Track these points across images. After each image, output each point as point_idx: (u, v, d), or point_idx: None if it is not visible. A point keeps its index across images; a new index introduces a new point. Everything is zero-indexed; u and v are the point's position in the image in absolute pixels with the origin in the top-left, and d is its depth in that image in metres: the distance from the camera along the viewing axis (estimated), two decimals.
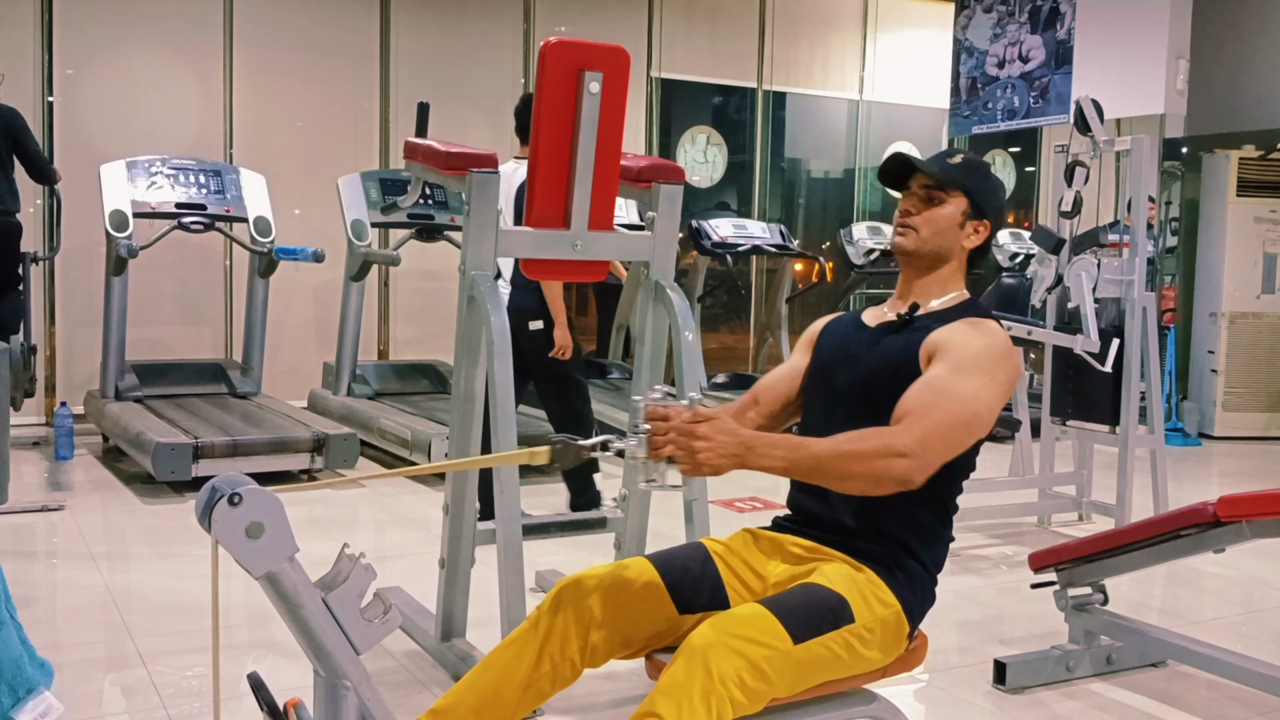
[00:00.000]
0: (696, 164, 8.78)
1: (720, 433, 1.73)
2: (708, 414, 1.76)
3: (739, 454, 1.74)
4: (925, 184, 2.06)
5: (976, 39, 8.33)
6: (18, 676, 1.99)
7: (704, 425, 1.73)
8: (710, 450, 1.72)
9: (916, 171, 2.07)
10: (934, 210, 2.04)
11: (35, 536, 4.28)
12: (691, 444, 1.72)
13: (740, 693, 1.68)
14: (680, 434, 1.73)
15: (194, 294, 7.06)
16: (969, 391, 1.86)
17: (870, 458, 1.78)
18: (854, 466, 1.78)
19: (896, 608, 1.91)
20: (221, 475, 1.52)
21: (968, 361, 1.90)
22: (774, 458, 1.77)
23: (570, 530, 3.42)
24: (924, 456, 1.79)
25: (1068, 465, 5.09)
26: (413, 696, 2.78)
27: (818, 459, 1.78)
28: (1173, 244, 7.89)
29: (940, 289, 2.08)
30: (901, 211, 2.07)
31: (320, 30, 7.30)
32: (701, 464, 1.72)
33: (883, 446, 1.78)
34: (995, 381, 1.90)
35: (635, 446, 1.76)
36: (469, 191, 2.85)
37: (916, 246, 2.05)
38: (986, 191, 2.07)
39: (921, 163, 2.06)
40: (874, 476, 1.78)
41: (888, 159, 2.10)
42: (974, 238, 2.07)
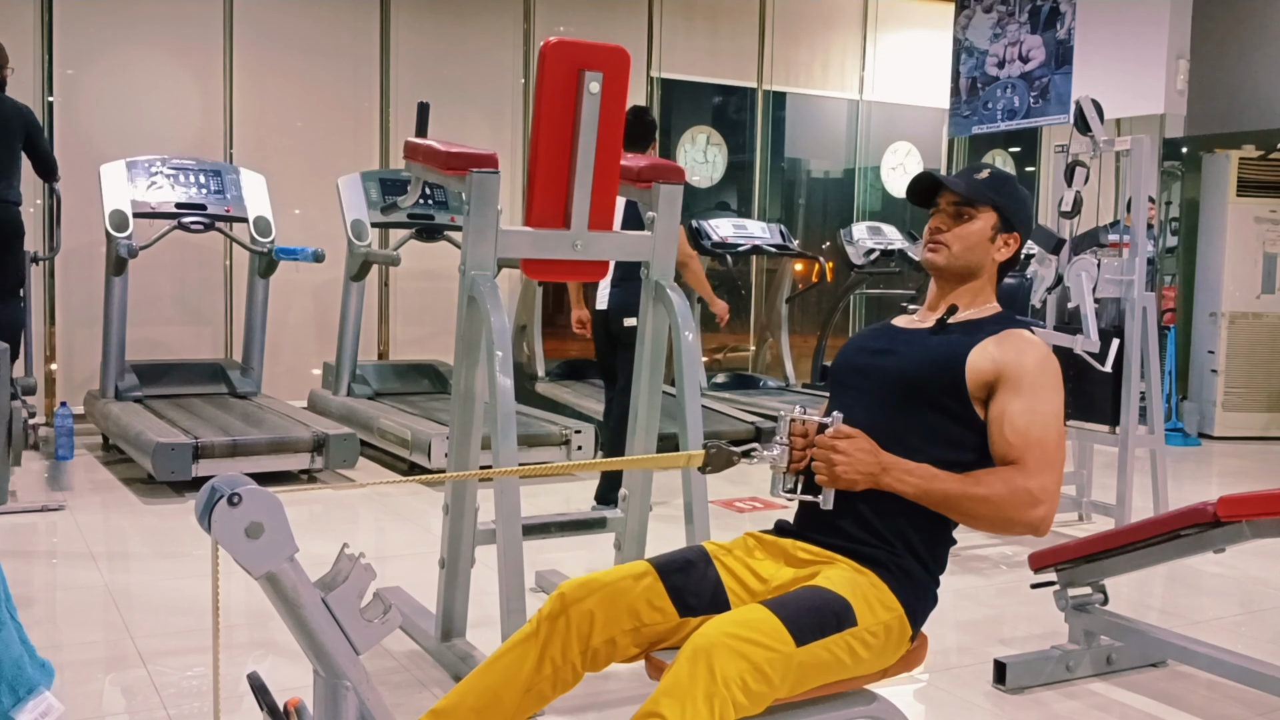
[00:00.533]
0: (696, 164, 8.77)
1: (859, 450, 1.88)
2: (849, 432, 1.89)
3: (874, 473, 1.88)
4: (954, 201, 2.09)
5: (976, 39, 8.33)
6: (18, 676, 1.99)
7: (845, 442, 1.88)
8: (848, 465, 1.87)
9: (944, 188, 2.10)
10: (964, 226, 2.09)
11: (35, 536, 4.28)
12: (832, 457, 1.88)
13: (743, 694, 1.68)
14: (822, 447, 1.89)
15: (194, 294, 7.06)
16: (1054, 416, 1.96)
17: (1001, 504, 1.88)
18: (984, 510, 1.89)
19: (899, 611, 1.91)
20: (221, 475, 1.52)
21: (1038, 385, 1.97)
22: (906, 484, 1.89)
23: (570, 530, 3.41)
24: (1051, 502, 1.90)
25: (1068, 465, 5.08)
26: (413, 696, 2.78)
27: (948, 495, 1.89)
28: (1173, 244, 7.89)
29: (972, 300, 2.12)
30: (932, 229, 2.11)
31: (320, 30, 7.30)
32: (839, 476, 1.88)
33: (1012, 492, 1.88)
34: (1060, 393, 2.01)
35: (778, 456, 1.94)
36: (469, 191, 2.85)
37: (948, 262, 2.09)
38: (1015, 204, 2.11)
39: (950, 180, 2.10)
40: (1004, 521, 1.90)
41: (916, 177, 2.15)
42: (1004, 250, 2.11)
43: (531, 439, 5.48)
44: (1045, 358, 2.01)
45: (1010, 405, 1.96)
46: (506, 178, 4.80)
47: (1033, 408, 1.95)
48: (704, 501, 2.98)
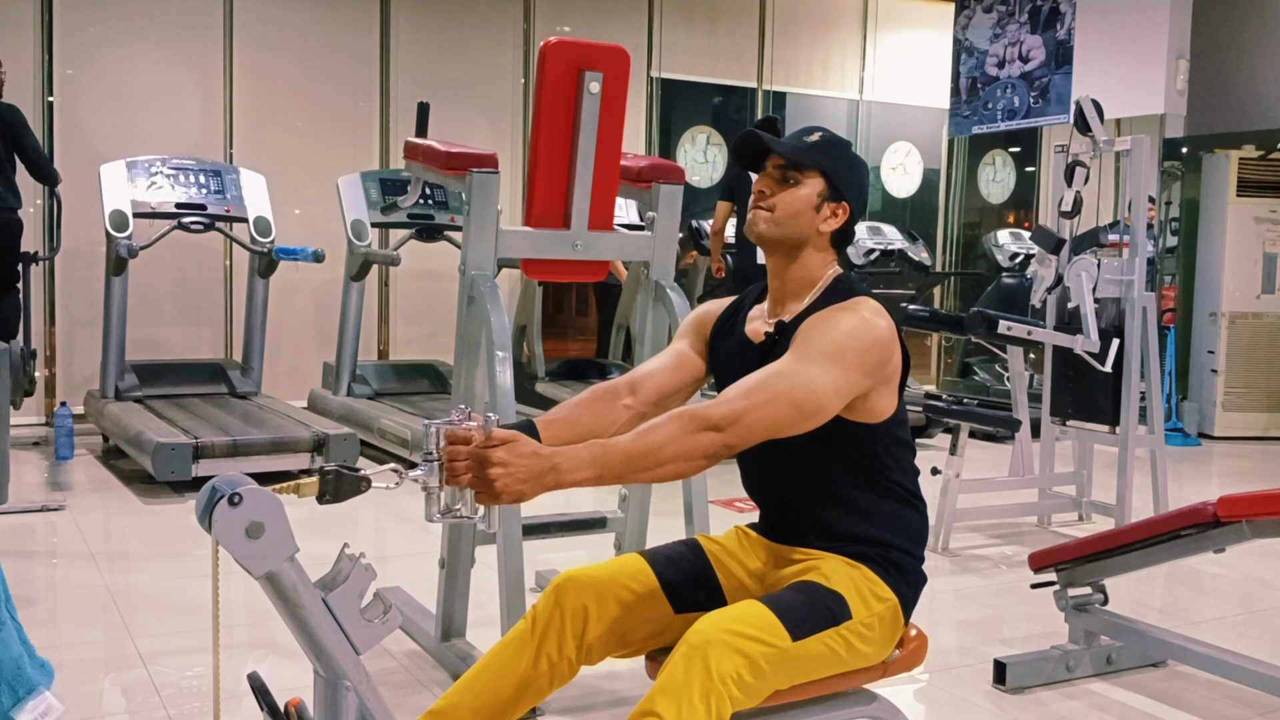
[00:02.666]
0: (696, 164, 8.77)
1: (519, 456, 1.59)
2: (504, 436, 1.60)
3: (542, 475, 1.61)
4: (780, 164, 1.95)
5: (976, 39, 8.33)
6: (18, 676, 1.99)
7: (500, 450, 1.59)
8: (509, 476, 1.58)
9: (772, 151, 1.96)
10: (789, 191, 1.92)
11: (35, 536, 4.28)
12: (486, 471, 1.58)
13: (739, 690, 1.68)
14: (474, 459, 1.59)
15: (194, 294, 7.06)
16: (804, 374, 1.77)
17: (678, 438, 1.69)
18: (663, 452, 1.68)
19: (893, 601, 1.91)
20: (221, 475, 1.52)
21: (816, 344, 1.80)
22: (582, 471, 1.64)
23: (570, 530, 3.41)
24: (735, 431, 1.71)
25: (1068, 465, 5.09)
26: (413, 696, 2.78)
27: (626, 457, 1.67)
28: (1173, 244, 7.89)
29: (808, 277, 1.96)
30: (755, 193, 1.95)
31: (320, 30, 7.31)
32: (500, 492, 1.58)
33: (689, 420, 1.70)
34: (840, 364, 1.79)
35: (426, 474, 1.58)
36: (469, 191, 2.85)
37: (768, 230, 1.94)
38: (845, 171, 1.95)
39: (774, 142, 1.95)
40: (684, 455, 1.69)
41: (740, 137, 1.97)
42: (831, 221, 1.94)
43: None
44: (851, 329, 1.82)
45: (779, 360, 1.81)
46: (506, 178, 4.80)
47: (785, 364, 1.78)
48: (704, 501, 2.99)
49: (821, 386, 1.77)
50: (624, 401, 1.99)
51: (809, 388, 1.77)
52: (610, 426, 1.93)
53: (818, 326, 1.84)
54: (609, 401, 1.98)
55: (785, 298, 1.99)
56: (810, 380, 1.77)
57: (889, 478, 1.94)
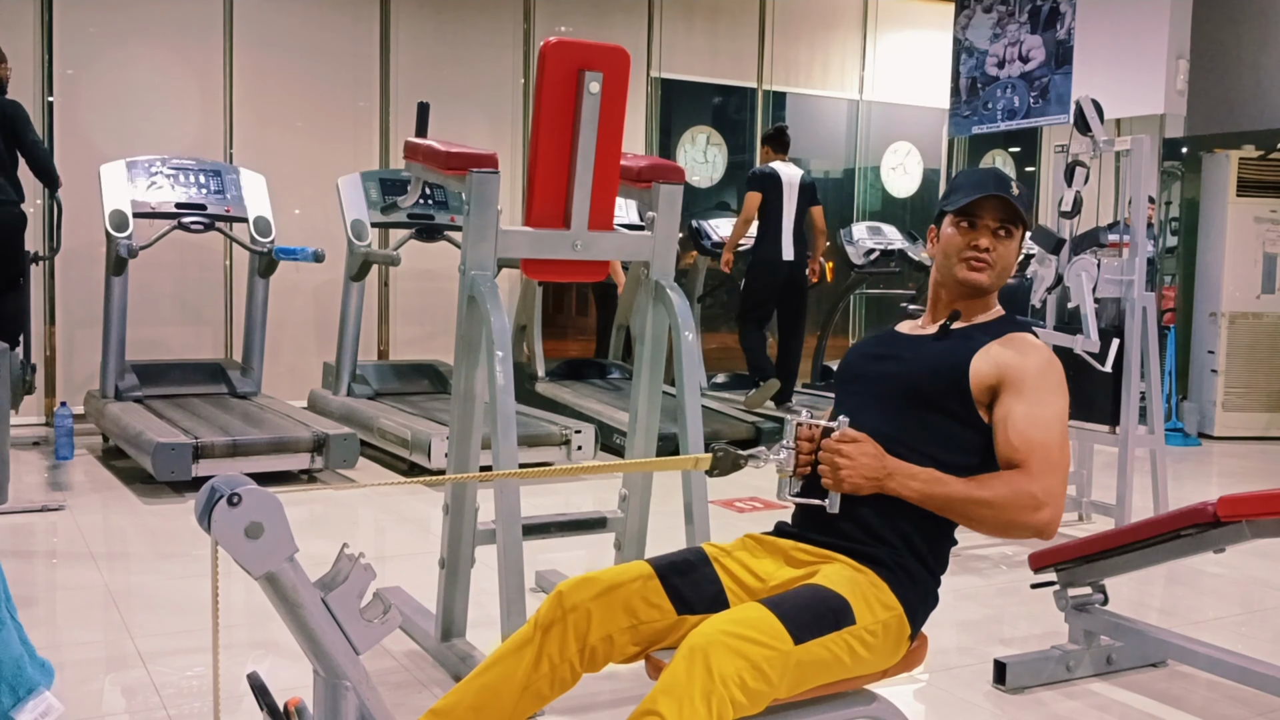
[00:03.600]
0: (696, 164, 8.77)
1: (864, 455, 1.89)
2: (855, 436, 1.90)
3: (879, 477, 1.89)
4: (1000, 217, 2.04)
5: (976, 39, 8.33)
6: (18, 676, 1.99)
7: (850, 446, 1.89)
8: (853, 469, 1.88)
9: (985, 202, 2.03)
10: (1007, 246, 2.07)
11: (35, 536, 4.28)
12: (837, 460, 1.88)
13: (741, 693, 1.68)
14: (828, 451, 1.90)
15: (194, 294, 7.06)
16: (1057, 419, 1.95)
17: (1005, 508, 1.87)
18: (988, 513, 1.88)
19: (898, 610, 1.91)
20: (221, 475, 1.52)
21: (1041, 388, 1.96)
22: (911, 488, 1.89)
23: (570, 530, 3.41)
24: (1056, 505, 1.89)
25: None
26: (413, 696, 2.78)
27: (951, 500, 1.89)
28: (1173, 244, 7.89)
29: (977, 306, 2.11)
30: (979, 246, 2.05)
31: (320, 30, 7.31)
32: (844, 480, 1.88)
33: (1015, 495, 1.87)
34: (1065, 397, 1.99)
35: (784, 460, 1.95)
36: (469, 191, 2.85)
37: (993, 284, 2.08)
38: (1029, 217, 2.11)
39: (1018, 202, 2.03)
40: (1009, 525, 1.88)
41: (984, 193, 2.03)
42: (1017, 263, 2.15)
43: (531, 439, 5.48)
44: (1048, 360, 2.00)
45: (1014, 409, 1.95)
46: (506, 178, 4.80)
47: (1035, 410, 1.95)
48: (704, 502, 2.98)
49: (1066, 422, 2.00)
50: None
51: (1064, 430, 1.97)
52: None
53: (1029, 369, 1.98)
54: None
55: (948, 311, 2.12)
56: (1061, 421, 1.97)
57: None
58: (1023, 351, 2.00)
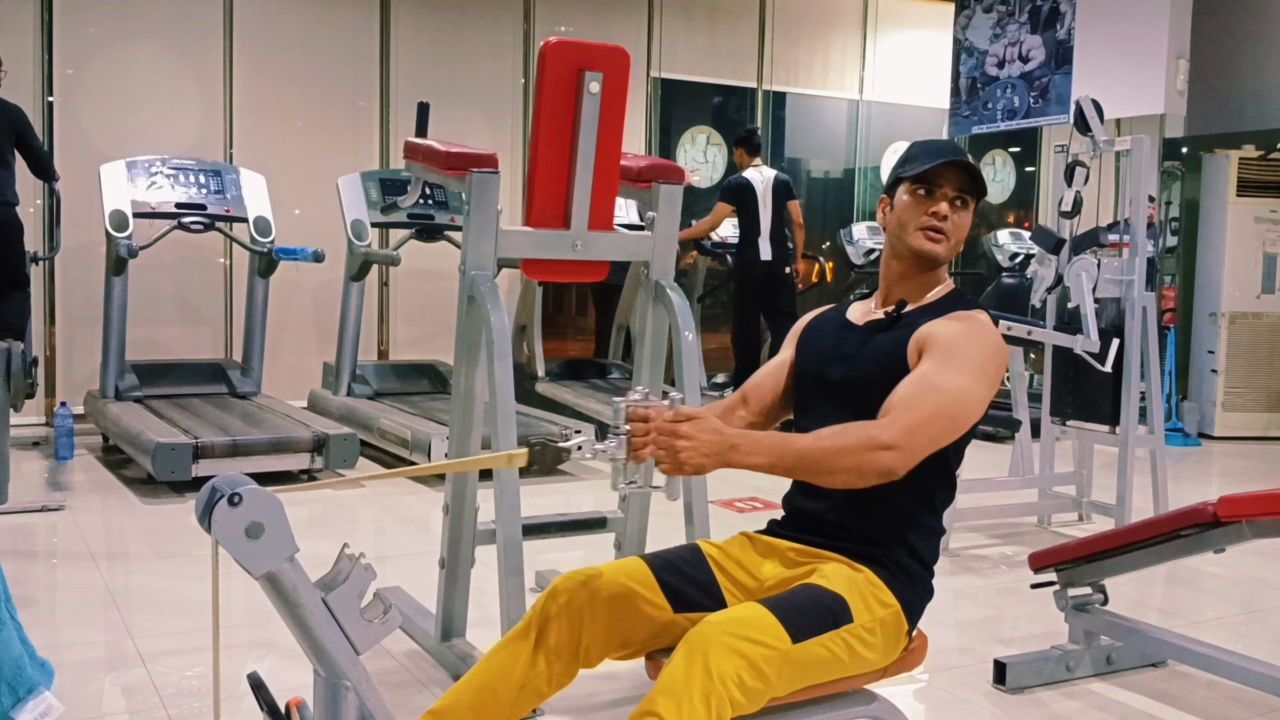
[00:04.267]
0: (696, 164, 8.77)
1: (704, 432, 1.71)
2: (691, 413, 1.73)
3: (722, 453, 1.72)
4: (959, 187, 2.00)
5: (976, 39, 8.33)
6: (18, 676, 1.99)
7: (687, 424, 1.71)
8: (693, 449, 1.70)
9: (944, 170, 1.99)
10: (962, 216, 2.02)
11: (35, 536, 4.28)
12: (674, 443, 1.71)
13: (739, 692, 1.68)
14: (662, 433, 1.71)
15: (194, 294, 7.06)
16: (956, 386, 1.85)
17: (854, 451, 1.76)
18: (838, 461, 1.76)
19: (896, 607, 1.91)
20: (221, 475, 1.52)
21: (956, 356, 1.88)
22: (758, 455, 1.74)
23: (570, 530, 3.41)
24: (908, 449, 1.78)
25: (1068, 465, 5.09)
26: (413, 696, 2.78)
27: (801, 455, 1.76)
28: (1173, 244, 7.89)
29: (931, 283, 2.06)
30: (937, 215, 1.99)
31: (320, 30, 7.31)
32: (684, 463, 1.70)
33: (866, 439, 1.77)
34: (984, 376, 1.89)
35: (615, 448, 1.74)
36: (469, 191, 2.85)
37: (948, 255, 2.04)
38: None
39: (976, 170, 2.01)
40: (858, 469, 1.77)
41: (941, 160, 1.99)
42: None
43: (531, 439, 5.48)
44: (981, 338, 1.92)
45: (920, 367, 1.89)
46: (506, 178, 4.80)
47: (936, 375, 1.86)
48: (704, 501, 2.99)
49: (973, 397, 1.87)
50: (739, 414, 2.14)
51: (963, 399, 1.85)
52: None
53: (955, 336, 1.91)
54: (729, 414, 2.14)
55: (900, 295, 2.07)
56: (964, 392, 1.85)
57: (935, 485, 1.97)
58: (955, 320, 1.94)
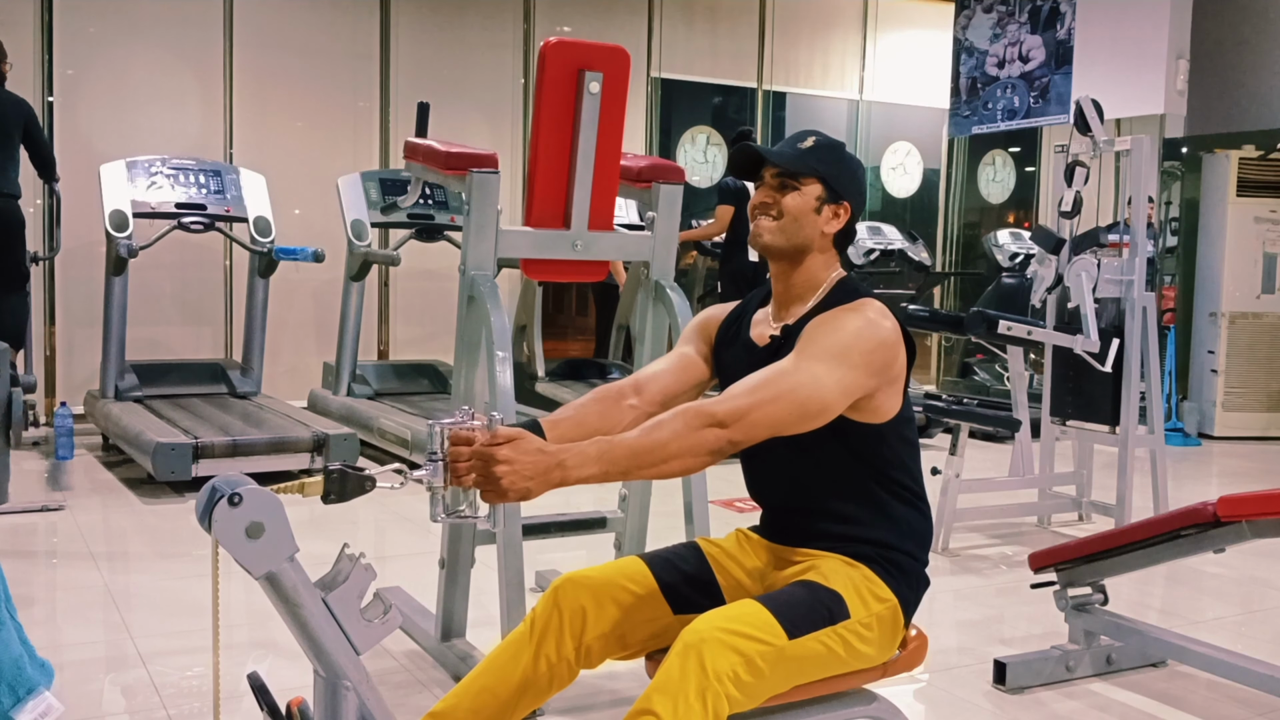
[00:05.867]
0: (696, 164, 8.78)
1: (524, 454, 1.60)
2: (510, 434, 1.62)
3: (548, 472, 1.62)
4: (777, 173, 1.96)
5: (976, 39, 8.33)
6: (18, 676, 1.99)
7: (505, 447, 1.60)
8: (514, 473, 1.59)
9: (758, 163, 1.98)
10: (789, 198, 1.94)
11: (35, 536, 4.28)
12: (492, 469, 1.59)
13: (736, 689, 1.68)
14: (479, 458, 1.60)
15: (194, 294, 7.06)
16: (808, 372, 1.78)
17: (682, 434, 1.70)
18: (668, 448, 1.69)
19: (893, 602, 1.91)
20: (221, 475, 1.52)
21: (816, 343, 1.82)
22: (587, 467, 1.65)
23: (570, 530, 3.42)
24: (739, 427, 1.72)
25: (1068, 465, 5.09)
26: (413, 696, 2.78)
27: (632, 453, 1.68)
28: (1173, 244, 7.89)
29: (812, 280, 1.98)
30: (758, 205, 1.96)
31: (320, 30, 7.31)
32: (506, 490, 1.59)
33: (693, 416, 1.71)
34: (845, 362, 1.80)
35: (431, 475, 1.60)
36: (469, 191, 2.85)
37: (773, 239, 1.95)
38: (842, 173, 1.97)
39: (769, 152, 1.97)
40: (689, 450, 1.70)
41: (735, 150, 2.01)
42: (834, 222, 1.96)
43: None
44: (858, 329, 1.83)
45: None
46: (506, 178, 4.80)
47: (790, 363, 1.79)
48: (704, 501, 2.99)
49: (827, 386, 1.78)
50: (629, 402, 2.00)
51: (814, 386, 1.78)
52: (616, 426, 1.93)
53: (823, 327, 1.85)
54: (615, 402, 1.99)
55: (790, 301, 2.00)
56: (815, 379, 1.78)
57: (894, 478, 1.95)
58: (833, 318, 1.86)
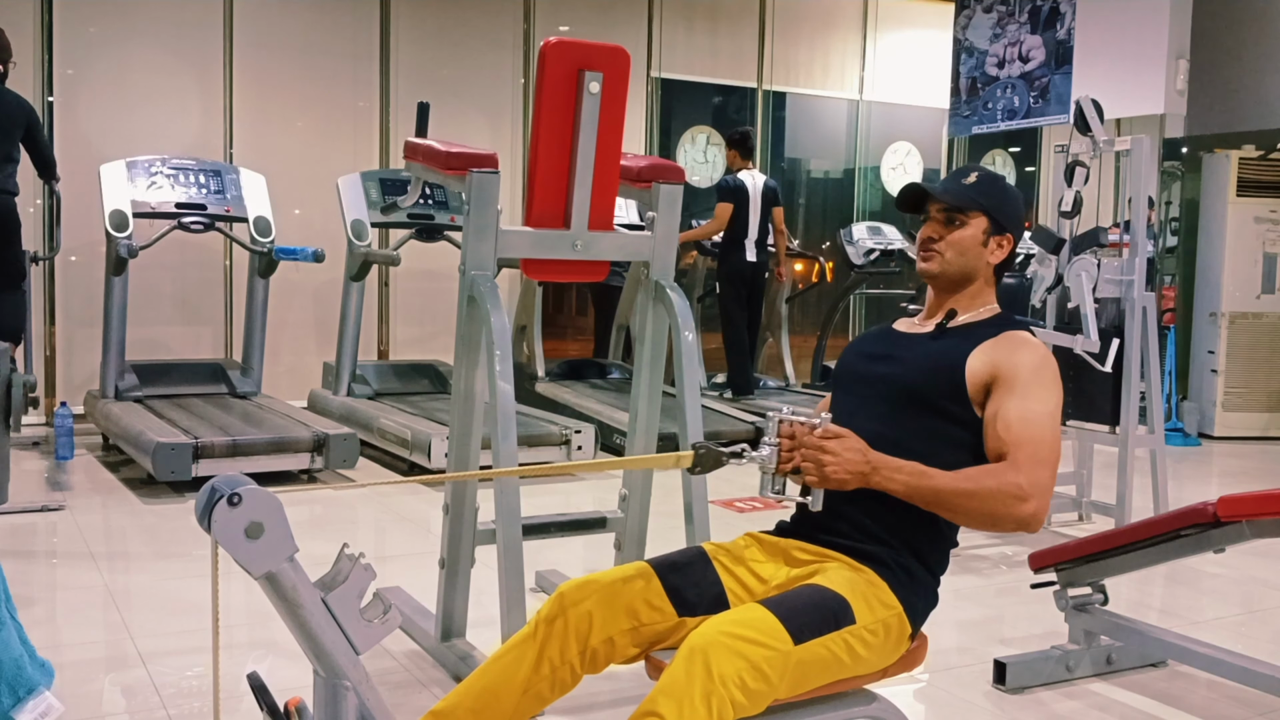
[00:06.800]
0: (696, 164, 8.78)
1: (848, 450, 1.84)
2: (839, 431, 1.86)
3: (864, 472, 1.85)
4: (944, 207, 2.09)
5: (976, 39, 8.33)
6: (18, 676, 1.99)
7: (834, 442, 1.85)
8: (838, 465, 1.83)
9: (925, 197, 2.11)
10: (956, 233, 2.08)
11: (35, 536, 4.28)
12: (820, 458, 1.84)
13: (741, 693, 1.68)
14: (811, 448, 1.85)
15: (194, 294, 7.06)
16: (1048, 414, 1.94)
17: (991, 499, 1.85)
18: (974, 505, 1.86)
19: (898, 609, 1.91)
20: (221, 475, 1.52)
21: (1034, 385, 1.96)
22: (896, 481, 1.86)
23: (570, 530, 3.41)
24: (1042, 498, 1.87)
25: (1068, 465, 5.09)
26: (413, 696, 2.78)
27: (938, 492, 1.86)
28: (1173, 244, 7.89)
29: (970, 303, 2.11)
30: (924, 238, 2.11)
31: (320, 30, 7.31)
32: (828, 476, 1.84)
33: (1001, 487, 1.85)
34: (1058, 394, 1.98)
35: (767, 458, 1.89)
36: (469, 191, 2.85)
37: (942, 270, 2.09)
38: (1005, 205, 2.10)
39: (936, 189, 2.09)
40: (993, 516, 1.86)
41: (904, 189, 2.14)
42: (998, 253, 2.10)
43: (531, 439, 5.47)
44: (1042, 357, 2.00)
45: (1005, 403, 1.95)
46: (506, 178, 4.80)
47: (1026, 405, 1.94)
48: (704, 501, 2.99)
49: (1058, 420, 1.98)
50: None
51: (1055, 427, 1.95)
52: None
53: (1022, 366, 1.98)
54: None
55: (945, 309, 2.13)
56: (1053, 418, 1.95)
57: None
58: (1017, 348, 2.00)
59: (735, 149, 7.07)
